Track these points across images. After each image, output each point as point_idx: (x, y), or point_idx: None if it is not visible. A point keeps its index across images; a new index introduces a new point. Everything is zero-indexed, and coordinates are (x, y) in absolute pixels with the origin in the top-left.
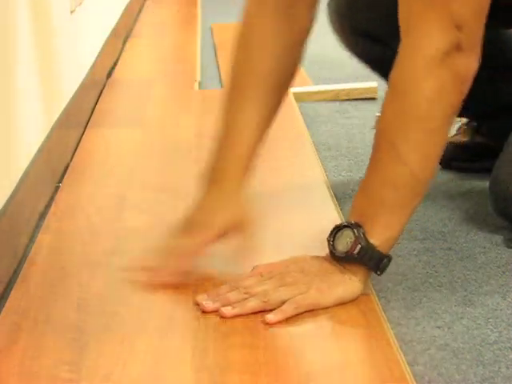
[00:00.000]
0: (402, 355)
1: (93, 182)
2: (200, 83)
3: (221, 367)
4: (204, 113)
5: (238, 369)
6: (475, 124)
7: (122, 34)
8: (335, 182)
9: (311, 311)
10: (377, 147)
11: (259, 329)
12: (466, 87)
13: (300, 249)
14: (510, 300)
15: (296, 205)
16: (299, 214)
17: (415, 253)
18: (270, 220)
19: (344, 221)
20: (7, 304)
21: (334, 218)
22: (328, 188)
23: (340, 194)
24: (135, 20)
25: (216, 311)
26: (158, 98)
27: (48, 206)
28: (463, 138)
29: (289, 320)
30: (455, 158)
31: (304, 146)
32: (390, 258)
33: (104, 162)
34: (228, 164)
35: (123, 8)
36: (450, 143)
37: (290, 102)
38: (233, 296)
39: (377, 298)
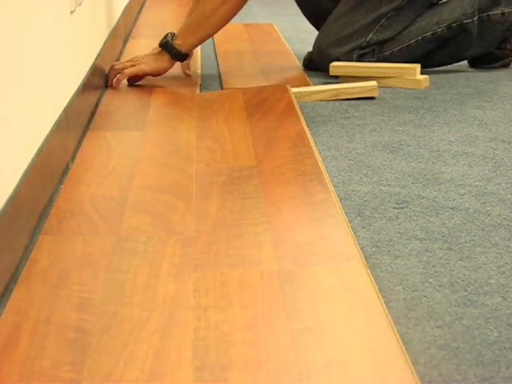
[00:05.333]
0: (405, 350)
1: (94, 184)
2: (200, 85)
3: (222, 365)
4: (204, 115)
5: (238, 367)
6: None
7: (122, 34)
8: (335, 182)
9: (312, 308)
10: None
11: (260, 326)
12: None
13: (301, 247)
14: (510, 300)
15: (297, 204)
16: (300, 213)
17: (415, 253)
18: (271, 219)
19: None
20: (8, 305)
21: (335, 217)
22: (329, 187)
23: (340, 194)
24: (135, 20)
25: None
26: (158, 99)
27: (48, 207)
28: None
29: (289, 316)
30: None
31: (304, 145)
32: (183, 53)
33: (105, 163)
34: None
35: (123, 8)
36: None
37: (290, 101)
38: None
39: (379, 293)
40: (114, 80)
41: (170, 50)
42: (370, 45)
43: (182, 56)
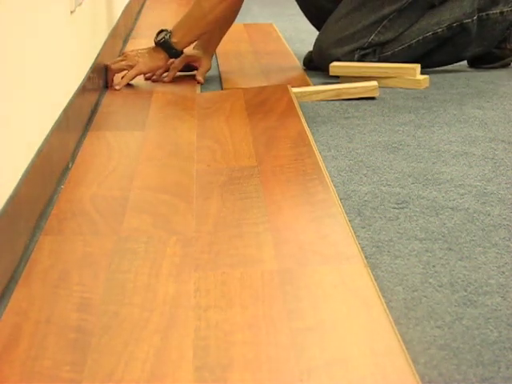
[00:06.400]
0: (405, 349)
1: (94, 184)
2: (201, 85)
3: (222, 365)
4: (205, 115)
5: (239, 366)
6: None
7: (122, 34)
8: (335, 182)
9: (313, 307)
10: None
11: (260, 326)
12: None
13: (301, 246)
14: (509, 300)
15: (297, 204)
16: (300, 212)
17: (415, 253)
18: (271, 219)
19: None
20: (9, 305)
21: (336, 216)
22: (330, 187)
23: (340, 194)
24: (135, 20)
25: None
26: (159, 99)
27: (48, 207)
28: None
29: (290, 316)
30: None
31: (305, 145)
32: (179, 51)
33: (106, 163)
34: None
35: (123, 8)
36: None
37: (291, 101)
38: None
39: (379, 292)
40: (115, 82)
41: (169, 49)
42: (372, 45)
43: (179, 54)
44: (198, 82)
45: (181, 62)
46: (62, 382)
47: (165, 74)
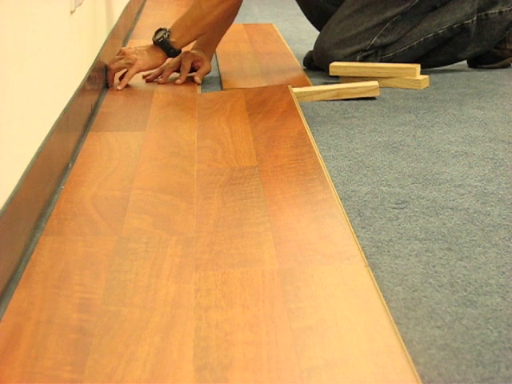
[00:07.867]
0: (405, 349)
1: (95, 184)
2: (201, 86)
3: (223, 365)
4: (206, 115)
5: (240, 366)
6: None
7: (122, 35)
8: (335, 182)
9: (313, 307)
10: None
11: (261, 325)
12: None
13: (302, 246)
14: (509, 300)
15: (298, 204)
16: (301, 212)
17: (415, 253)
18: (272, 219)
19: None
20: (9, 305)
21: (336, 216)
22: (331, 187)
23: (340, 194)
24: (135, 20)
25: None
26: (159, 100)
27: (48, 207)
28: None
29: (290, 315)
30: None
31: (306, 145)
32: (177, 51)
33: (106, 164)
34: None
35: (123, 8)
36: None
37: (291, 101)
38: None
39: (380, 292)
40: (116, 83)
41: (168, 48)
42: (374, 48)
43: (177, 53)
44: (196, 83)
45: (188, 62)
46: (62, 382)
47: (176, 76)
